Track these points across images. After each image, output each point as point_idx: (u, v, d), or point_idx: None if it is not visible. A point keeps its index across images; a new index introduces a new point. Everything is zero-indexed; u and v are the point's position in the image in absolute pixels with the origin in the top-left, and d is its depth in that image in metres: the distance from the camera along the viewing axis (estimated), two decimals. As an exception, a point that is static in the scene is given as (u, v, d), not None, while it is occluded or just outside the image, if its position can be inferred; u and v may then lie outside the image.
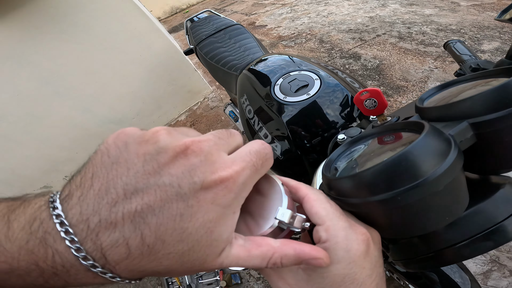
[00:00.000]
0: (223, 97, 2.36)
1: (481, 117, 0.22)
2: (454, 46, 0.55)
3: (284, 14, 3.68)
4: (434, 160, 0.19)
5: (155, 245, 0.15)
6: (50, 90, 1.72)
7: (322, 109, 0.59)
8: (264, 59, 0.85)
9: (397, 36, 2.40)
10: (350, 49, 2.41)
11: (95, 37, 1.72)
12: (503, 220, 0.23)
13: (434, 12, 2.67)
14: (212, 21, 1.35)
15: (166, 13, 6.24)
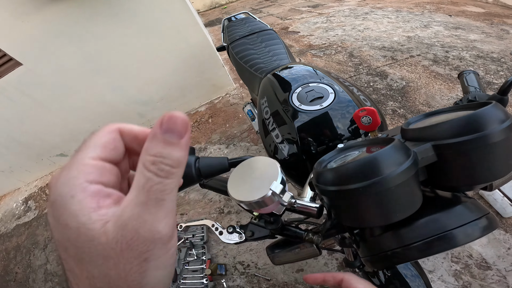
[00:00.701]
0: (244, 95, 2.42)
1: (442, 141, 0.28)
2: (466, 76, 0.57)
3: (319, 23, 3.68)
4: (393, 164, 0.26)
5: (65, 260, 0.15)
6: (90, 67, 1.88)
7: (331, 121, 0.64)
8: (289, 67, 0.91)
9: (431, 59, 2.32)
10: (378, 67, 2.37)
11: (140, 24, 1.84)
12: (452, 229, 0.29)
13: (479, 38, 2.55)
14: (248, 23, 1.42)
15: (205, 6, 6.46)
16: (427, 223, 0.30)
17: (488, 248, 1.15)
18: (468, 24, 2.93)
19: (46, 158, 2.25)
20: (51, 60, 1.76)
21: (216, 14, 5.62)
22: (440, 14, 3.32)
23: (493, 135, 0.25)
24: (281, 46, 1.20)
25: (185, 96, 2.33)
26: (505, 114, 0.27)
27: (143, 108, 2.24)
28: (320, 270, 1.21)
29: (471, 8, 3.46)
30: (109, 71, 1.96)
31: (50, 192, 0.15)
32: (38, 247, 1.77)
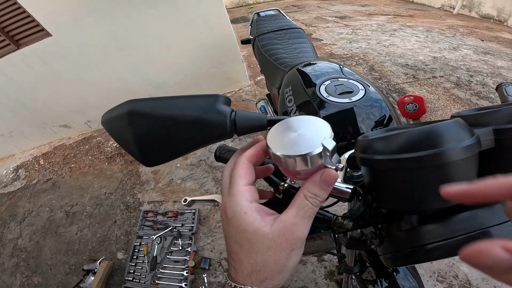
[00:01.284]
0: (257, 93, 2.40)
1: (503, 125, 0.26)
2: (506, 88, 0.56)
3: (344, 34, 3.64)
4: (456, 139, 0.24)
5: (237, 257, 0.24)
6: (114, 44, 1.91)
7: (357, 117, 0.61)
8: (316, 63, 0.89)
9: (454, 82, 2.24)
10: (398, 83, 2.30)
11: (172, 8, 1.86)
12: (490, 226, 0.26)
13: (507, 65, 2.45)
14: (278, 19, 1.42)
15: (233, 3, 6.54)
16: (468, 218, 0.27)
17: (474, 270, 1.09)
18: (498, 50, 2.83)
19: (49, 127, 2.28)
20: (80, 34, 1.80)
21: (241, 13, 5.68)
22: (472, 38, 3.23)
23: None
24: (308, 45, 1.19)
25: (199, 85, 2.34)
26: None
27: (155, 91, 2.25)
28: (306, 277, 1.16)
29: (505, 35, 3.34)
30: (131, 51, 1.99)
31: (226, 213, 0.25)
32: (15, 220, 1.72)
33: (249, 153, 0.27)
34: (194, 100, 0.27)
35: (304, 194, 0.24)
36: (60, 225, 1.62)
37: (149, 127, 0.27)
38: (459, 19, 4.21)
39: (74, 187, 1.86)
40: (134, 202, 1.67)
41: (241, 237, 0.24)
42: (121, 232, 1.51)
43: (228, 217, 0.24)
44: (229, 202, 0.24)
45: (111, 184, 1.83)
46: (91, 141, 2.27)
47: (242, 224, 0.23)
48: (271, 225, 0.23)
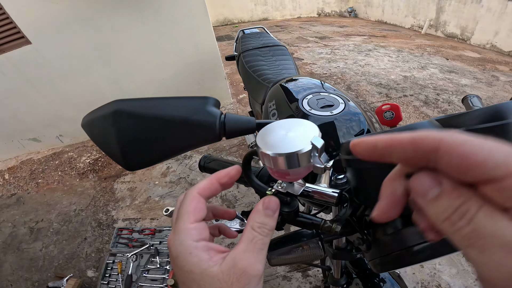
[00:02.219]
0: (240, 111, 2.45)
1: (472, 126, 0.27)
2: (471, 99, 0.60)
3: (323, 53, 3.84)
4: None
5: None
6: (95, 56, 1.88)
7: (338, 130, 0.64)
8: (298, 78, 0.94)
9: (423, 100, 2.40)
10: (373, 102, 2.44)
11: (158, 22, 1.86)
12: None
13: (470, 83, 2.67)
14: (262, 37, 1.48)
15: (218, 22, 6.74)
16: None
17: (456, 278, 1.16)
18: (462, 68, 3.08)
19: (16, 140, 2.15)
20: (61, 43, 1.76)
21: (226, 31, 5.86)
22: (438, 57, 3.50)
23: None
24: (291, 62, 1.24)
25: (181, 102, 2.34)
26: None
27: (136, 107, 2.23)
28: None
29: (468, 53, 3.65)
30: (113, 63, 1.96)
31: (171, 251, 0.23)
32: None
33: (202, 185, 0.25)
34: (184, 101, 0.27)
35: (251, 226, 0.23)
36: (23, 241, 1.53)
37: (135, 127, 0.26)
38: (427, 39, 4.58)
39: (40, 203, 1.76)
40: (107, 219, 1.60)
41: (187, 278, 0.21)
42: (92, 250, 1.44)
43: (173, 256, 0.22)
44: (173, 240, 0.22)
45: (82, 200, 1.74)
46: (62, 156, 2.16)
47: (188, 265, 0.21)
48: (220, 265, 0.21)
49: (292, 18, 7.31)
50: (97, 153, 2.14)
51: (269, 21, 7.06)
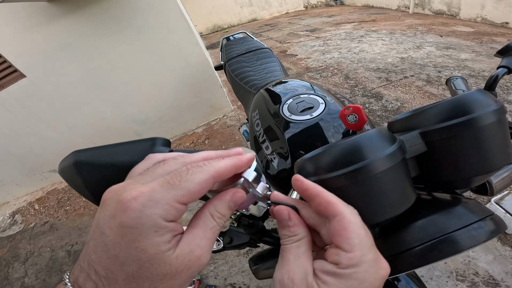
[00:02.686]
0: (241, 117, 2.45)
1: (428, 127, 0.26)
2: (454, 82, 0.58)
3: (316, 46, 3.81)
4: (377, 149, 0.23)
5: (107, 275, 0.18)
6: (92, 82, 1.91)
7: (321, 131, 0.63)
8: (283, 81, 0.92)
9: (425, 80, 2.36)
10: (373, 88, 2.41)
11: (144, 41, 1.89)
12: (454, 231, 0.25)
13: (470, 57, 2.61)
14: (246, 42, 1.46)
15: (208, 29, 6.77)
16: (426, 226, 0.27)
17: (494, 265, 1.11)
18: (458, 43, 3.02)
19: (38, 173, 2.24)
20: (54, 73, 1.80)
21: (218, 38, 5.87)
22: (432, 35, 3.44)
23: (481, 117, 0.24)
24: (276, 64, 1.22)
25: (183, 116, 2.36)
26: (493, 98, 0.26)
27: (140, 127, 2.26)
28: None
29: (460, 28, 3.57)
30: (110, 88, 1.99)
31: (127, 213, 0.17)
32: (18, 260, 1.73)
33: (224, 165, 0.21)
34: (133, 145, 0.28)
35: (211, 213, 0.22)
36: (63, 263, 1.63)
37: (96, 175, 0.27)
38: (416, 18, 4.50)
39: (72, 228, 1.86)
40: None
41: (128, 257, 0.18)
42: None
43: (123, 223, 0.17)
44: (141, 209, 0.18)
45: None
46: None
47: (144, 242, 0.18)
48: (174, 249, 0.19)
49: (280, 15, 7.28)
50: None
51: (258, 21, 7.06)
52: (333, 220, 0.21)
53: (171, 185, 0.19)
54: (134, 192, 0.18)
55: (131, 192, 0.18)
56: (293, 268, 0.21)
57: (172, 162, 0.22)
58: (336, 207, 0.22)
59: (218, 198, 0.23)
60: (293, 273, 0.21)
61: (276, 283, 0.21)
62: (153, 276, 0.18)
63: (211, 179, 0.20)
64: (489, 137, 0.25)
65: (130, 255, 0.18)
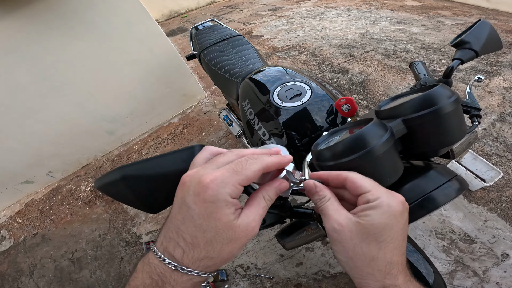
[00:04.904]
0: (216, 102, 2.44)
1: (408, 116, 0.36)
2: (416, 66, 0.69)
3: (280, 26, 3.83)
4: (376, 137, 0.33)
5: (193, 240, 0.25)
6: (47, 84, 1.74)
7: (311, 115, 0.72)
8: (263, 70, 0.97)
9: (383, 53, 2.56)
10: (339, 64, 2.55)
11: (99, 36, 1.75)
12: (432, 191, 0.36)
13: (420, 31, 2.86)
14: (216, 30, 1.45)
15: (164, 16, 6.31)
16: (411, 188, 0.37)
17: (466, 222, 1.24)
18: (408, 18, 3.28)
19: (10, 187, 2.04)
20: (3, 80, 1.61)
21: (176, 24, 5.54)
22: (385, 10, 3.67)
23: (444, 107, 0.34)
24: (252, 51, 1.26)
25: (156, 109, 2.28)
26: (451, 91, 0.36)
27: (111, 125, 2.14)
28: (318, 261, 1.27)
29: (409, 2, 3.86)
30: (69, 88, 1.84)
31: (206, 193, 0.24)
32: (24, 274, 1.65)
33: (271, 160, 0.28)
34: (175, 155, 0.32)
35: (263, 196, 0.29)
36: (71, 272, 1.59)
37: (145, 186, 0.31)
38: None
39: (66, 236, 1.79)
40: (132, 236, 1.65)
41: (209, 225, 0.24)
42: (133, 267, 1.48)
43: (205, 199, 0.24)
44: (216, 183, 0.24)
45: (101, 225, 1.77)
46: (61, 190, 2.10)
47: (218, 213, 0.24)
48: (237, 219, 0.25)
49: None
50: (93, 180, 2.07)
51: (217, 3, 6.75)
52: (346, 183, 0.30)
53: (236, 171, 0.25)
54: (211, 176, 0.24)
55: (208, 176, 0.25)
56: (337, 217, 0.28)
57: (229, 153, 0.28)
58: (342, 175, 0.30)
59: (269, 185, 0.30)
60: (339, 220, 0.27)
61: (330, 232, 0.28)
62: (224, 240, 0.25)
63: (262, 170, 0.27)
64: (450, 120, 0.35)
65: (210, 224, 0.24)
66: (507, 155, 1.48)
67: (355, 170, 0.32)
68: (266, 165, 0.27)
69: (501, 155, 1.48)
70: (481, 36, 0.55)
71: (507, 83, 1.94)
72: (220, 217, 0.24)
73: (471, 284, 1.09)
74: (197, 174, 0.25)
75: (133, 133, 2.29)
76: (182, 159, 0.31)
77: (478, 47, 0.55)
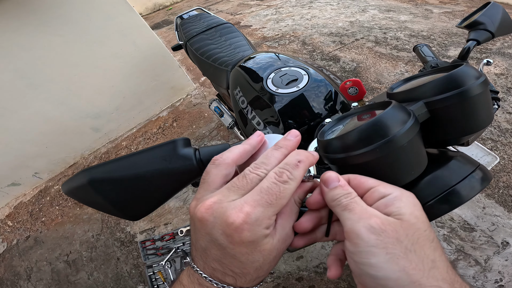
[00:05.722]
0: (206, 94, 2.36)
1: (431, 98, 0.30)
2: (421, 49, 0.65)
3: (269, 15, 3.75)
4: (398, 124, 0.26)
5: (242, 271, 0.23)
6: (25, 82, 1.65)
7: (309, 101, 0.66)
8: (255, 56, 0.91)
9: (373, 41, 2.54)
10: (330, 52, 2.51)
11: (77, 30, 1.67)
12: (456, 184, 0.29)
13: (409, 19, 2.85)
14: (203, 19, 1.37)
15: (148, 9, 6.09)
16: (432, 181, 0.31)
17: (465, 209, 1.22)
18: (397, 6, 3.26)
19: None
20: None
21: (161, 16, 5.35)
22: (373, -2, 3.64)
23: (472, 89, 0.29)
24: (242, 38, 1.20)
25: (143, 103, 2.19)
26: (479, 72, 0.31)
27: (96, 122, 2.04)
28: (318, 254, 1.25)
29: None
30: (49, 85, 1.74)
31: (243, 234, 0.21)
32: (21, 278, 1.61)
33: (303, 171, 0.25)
34: (153, 152, 0.27)
35: (295, 200, 0.26)
36: (68, 274, 1.55)
37: (119, 190, 0.26)
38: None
39: (58, 238, 1.74)
40: (126, 236, 1.60)
41: (254, 257, 0.23)
42: (130, 267, 1.47)
43: (242, 241, 0.22)
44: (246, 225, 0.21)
45: (94, 226, 1.71)
46: (49, 191, 2.01)
47: (261, 246, 0.23)
48: (275, 236, 0.24)
49: (225, -15, 6.86)
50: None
51: (202, -7, 6.56)
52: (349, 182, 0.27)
53: (269, 204, 0.22)
54: (241, 214, 0.21)
55: (237, 214, 0.21)
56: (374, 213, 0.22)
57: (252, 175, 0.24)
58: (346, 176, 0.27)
59: (301, 188, 0.27)
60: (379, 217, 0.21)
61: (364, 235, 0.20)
62: (271, 261, 0.24)
63: (295, 190, 0.24)
64: (478, 104, 0.30)
65: (256, 256, 0.23)
66: (501, 140, 1.48)
67: (372, 164, 0.27)
68: (298, 183, 0.24)
69: (496, 140, 1.49)
70: (495, 18, 0.52)
71: (497, 69, 1.95)
72: (264, 248, 0.23)
73: (473, 273, 1.07)
74: (220, 209, 0.22)
75: (120, 129, 2.20)
76: (162, 157, 0.26)
77: (494, 28, 0.51)
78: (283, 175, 0.23)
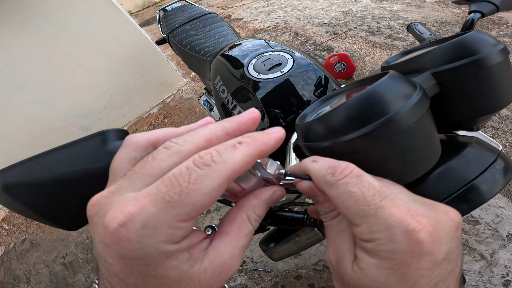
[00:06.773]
0: (197, 89, 2.31)
1: (439, 67, 0.23)
2: (416, 27, 0.59)
3: (261, 8, 3.67)
4: (401, 97, 0.19)
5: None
6: (5, 84, 1.60)
7: (295, 87, 0.59)
8: (238, 43, 0.84)
9: (367, 30, 2.49)
10: (323, 42, 2.46)
11: (58, 28, 1.62)
12: (476, 178, 0.23)
13: (402, 8, 2.80)
14: (186, 10, 1.32)
15: (137, 6, 5.96)
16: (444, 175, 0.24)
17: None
18: (390, -5, 3.21)
19: None
20: None
21: (151, 13, 5.24)
22: (365, -13, 3.58)
23: (489, 57, 0.23)
24: (227, 28, 1.14)
25: (132, 100, 2.13)
26: (493, 38, 0.25)
27: (84, 121, 1.98)
28: (317, 251, 1.21)
29: None
30: (31, 86, 1.68)
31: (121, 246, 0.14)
32: (21, 281, 1.61)
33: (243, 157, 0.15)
34: (75, 148, 0.21)
35: (249, 216, 0.18)
36: (66, 277, 1.54)
37: (41, 195, 0.20)
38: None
39: (54, 240, 1.73)
40: None
41: (149, 283, 0.15)
42: None
43: (123, 255, 0.14)
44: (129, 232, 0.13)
45: (87, 226, 1.66)
46: None
47: (161, 270, 0.15)
48: (201, 261, 0.16)
49: (216, -20, 6.74)
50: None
51: (192, -12, 6.45)
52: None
53: (169, 202, 0.13)
54: (120, 216, 0.13)
55: (115, 214, 0.14)
56: (338, 246, 0.18)
57: (164, 154, 0.16)
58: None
59: (257, 198, 0.19)
60: (339, 252, 0.18)
61: (328, 264, 0.20)
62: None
63: (224, 184, 0.14)
64: (498, 76, 0.24)
65: (150, 283, 0.15)
66: (502, 127, 1.45)
67: (366, 153, 0.20)
68: (231, 173, 0.15)
69: (496, 127, 1.46)
70: None
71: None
72: (164, 274, 0.14)
73: (479, 267, 1.03)
74: (106, 206, 0.15)
75: (110, 127, 2.13)
76: (85, 154, 0.20)
77: (498, 1, 0.45)
78: (206, 157, 0.14)
